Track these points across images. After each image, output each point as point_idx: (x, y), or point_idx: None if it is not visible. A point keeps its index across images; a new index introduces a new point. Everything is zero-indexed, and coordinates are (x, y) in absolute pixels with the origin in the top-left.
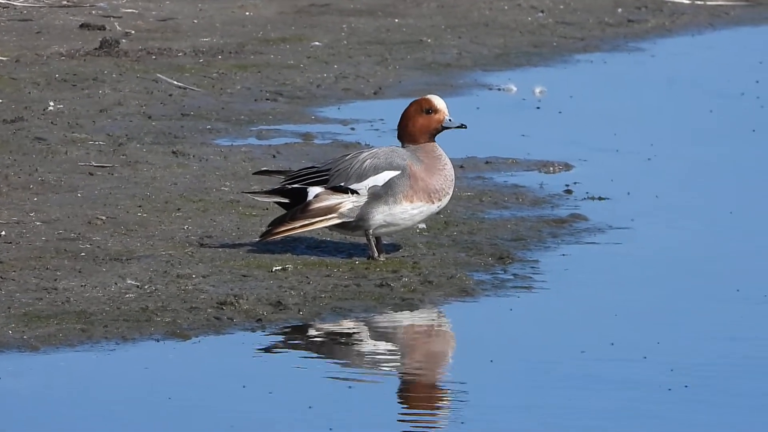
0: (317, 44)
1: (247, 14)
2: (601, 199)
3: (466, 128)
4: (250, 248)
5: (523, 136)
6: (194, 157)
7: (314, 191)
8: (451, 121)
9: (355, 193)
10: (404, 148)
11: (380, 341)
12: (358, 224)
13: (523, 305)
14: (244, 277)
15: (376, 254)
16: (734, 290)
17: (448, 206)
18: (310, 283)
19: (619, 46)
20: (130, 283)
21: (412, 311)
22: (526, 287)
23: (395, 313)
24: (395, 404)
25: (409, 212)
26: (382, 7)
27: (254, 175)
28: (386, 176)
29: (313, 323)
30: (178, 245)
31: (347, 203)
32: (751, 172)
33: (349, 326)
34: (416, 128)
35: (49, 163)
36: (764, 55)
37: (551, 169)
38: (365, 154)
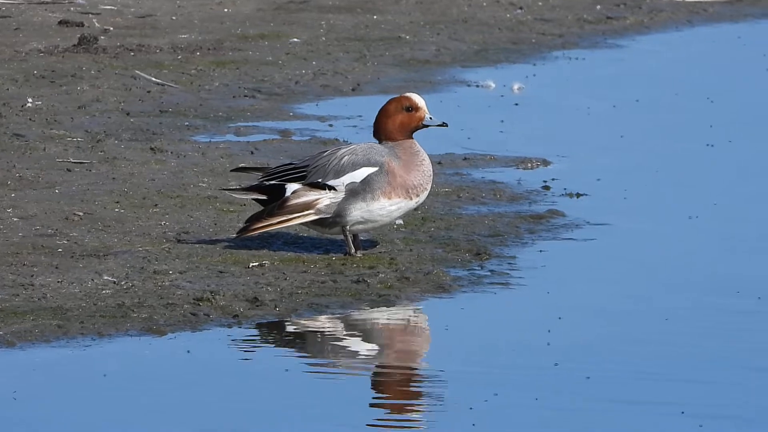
0: (295, 41)
1: (225, 11)
2: (578, 195)
3: (447, 126)
4: (227, 244)
5: (501, 132)
6: (172, 153)
7: (292, 188)
8: (431, 119)
9: (332, 189)
10: (382, 144)
11: (356, 337)
12: (335, 220)
13: (500, 301)
14: (220, 273)
15: (353, 250)
16: (710, 287)
17: (425, 202)
18: (286, 279)
19: (597, 42)
20: (106, 279)
21: (388, 307)
22: (503, 283)
23: (372, 309)
24: (370, 400)
25: (386, 208)
26: (360, 3)
27: (232, 172)
28: (364, 172)
29: (289, 319)
30: (155, 241)
31: (324, 199)
32: (729, 167)
33: (325, 322)
34: (395, 126)
35: (27, 159)
36: (745, 50)
37: (529, 165)
38: (343, 150)
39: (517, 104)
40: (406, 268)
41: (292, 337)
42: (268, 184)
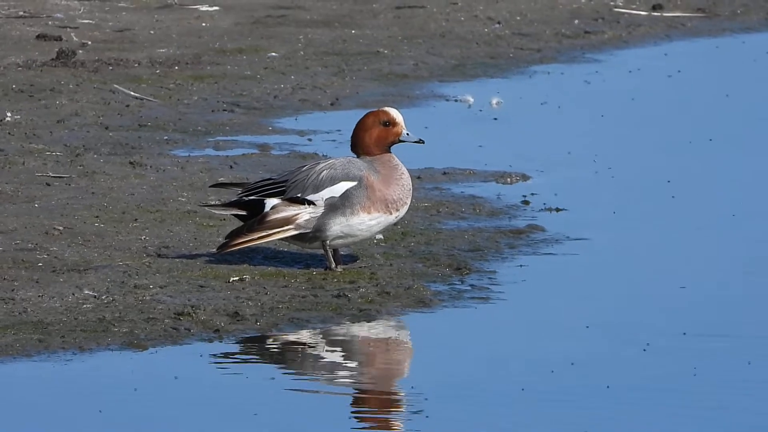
0: (274, 55)
1: (203, 25)
2: (558, 210)
3: (423, 143)
4: (207, 259)
5: (480, 147)
6: (151, 167)
7: (271, 203)
8: (409, 135)
9: (311, 204)
10: (361, 159)
11: (337, 352)
12: (315, 235)
13: (480, 316)
14: (201, 287)
15: (333, 265)
16: (689, 301)
17: (405, 217)
18: (267, 293)
19: (576, 57)
20: (87, 293)
21: (369, 322)
22: (483, 298)
23: (352, 324)
24: (349, 414)
25: (366, 223)
26: (338, 17)
27: (211, 187)
28: (343, 187)
29: (270, 334)
30: (135, 256)
31: (304, 214)
32: (708, 181)
33: (306, 337)
34: (372, 140)
35: (6, 173)
36: (722, 65)
37: (508, 179)
38: (322, 165)
39: (495, 119)
40: (386, 282)
41: (273, 351)
42: (247, 199)
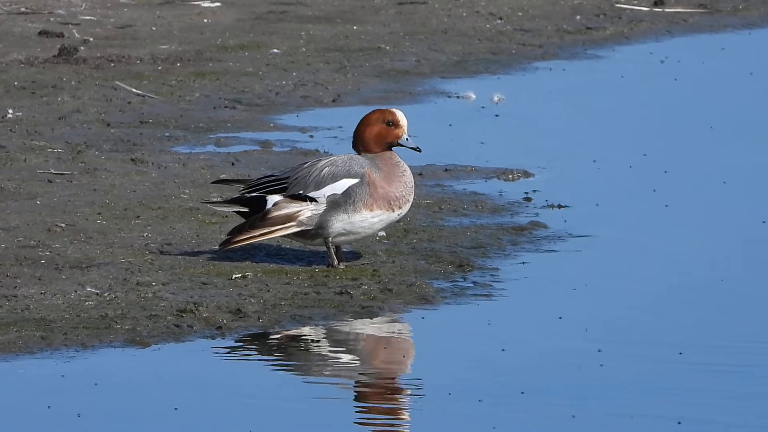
0: (276, 51)
1: (205, 21)
2: (560, 206)
3: (420, 152)
4: (209, 256)
5: (482, 143)
6: (153, 164)
7: (273, 200)
8: (408, 140)
9: (313, 201)
10: (362, 156)
11: (339, 349)
12: (317, 232)
13: (483, 313)
14: (203, 284)
15: (335, 262)
16: (691, 297)
17: (407, 214)
18: (269, 290)
19: (577, 53)
20: (89, 290)
21: (371, 319)
22: (486, 295)
23: (355, 320)
24: (353, 411)
25: (368, 220)
26: (340, 14)
27: (213, 184)
28: (345, 184)
29: (272, 331)
30: (137, 253)
31: (306, 211)
32: (711, 177)
33: (308, 334)
34: (371, 136)
35: (7, 170)
36: (723, 61)
37: (510, 176)
38: (323, 161)
39: (497, 115)
40: (389, 279)
41: (275, 348)
42: (249, 196)
